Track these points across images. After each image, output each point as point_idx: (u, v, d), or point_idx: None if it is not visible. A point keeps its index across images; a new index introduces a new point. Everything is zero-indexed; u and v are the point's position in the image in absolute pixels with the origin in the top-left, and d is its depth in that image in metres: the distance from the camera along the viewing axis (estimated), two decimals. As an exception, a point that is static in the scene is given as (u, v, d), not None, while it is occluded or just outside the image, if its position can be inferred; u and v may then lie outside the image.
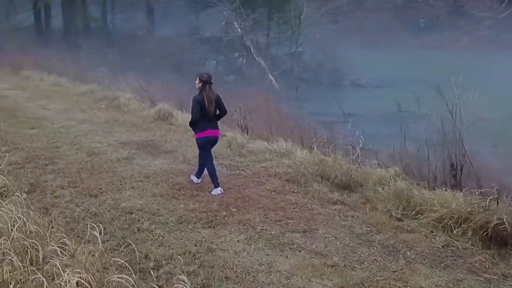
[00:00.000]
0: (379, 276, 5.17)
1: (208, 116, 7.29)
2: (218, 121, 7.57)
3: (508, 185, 6.66)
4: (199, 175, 7.86)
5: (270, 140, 10.03)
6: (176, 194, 7.38)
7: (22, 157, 9.22)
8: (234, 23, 33.53)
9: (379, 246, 5.82)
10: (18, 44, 26.61)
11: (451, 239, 5.89)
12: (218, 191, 7.40)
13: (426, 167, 8.07)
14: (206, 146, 7.52)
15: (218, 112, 7.46)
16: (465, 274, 5.23)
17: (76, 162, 8.97)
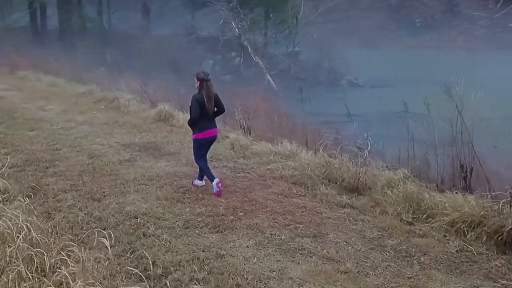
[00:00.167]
0: (394, 283, 5.04)
1: (208, 115, 7.27)
2: (216, 118, 7.55)
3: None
4: (202, 177, 7.73)
5: (274, 141, 9.88)
6: (181, 198, 7.23)
7: (22, 159, 9.06)
8: (232, 22, 33.38)
9: (392, 251, 5.69)
10: (13, 44, 26.42)
11: (465, 244, 5.77)
12: (216, 180, 7.31)
13: (434, 169, 7.97)
14: (203, 146, 7.49)
15: (216, 109, 7.44)
16: (481, 281, 5.11)
17: (77, 164, 8.82)
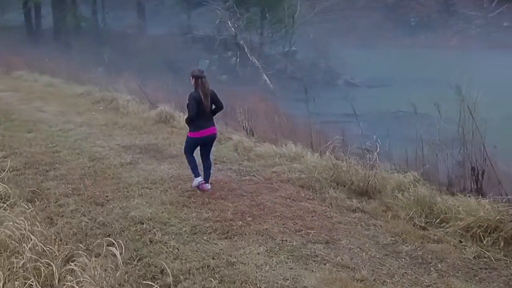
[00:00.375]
0: (412, 291, 4.89)
1: (205, 112, 7.22)
2: (214, 115, 7.50)
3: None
4: (197, 173, 7.58)
5: (278, 143, 9.71)
6: (186, 202, 7.05)
7: (22, 162, 8.85)
8: (228, 22, 33.18)
9: (408, 257, 5.52)
10: (8, 44, 26.13)
11: (482, 250, 5.60)
12: (199, 179, 7.44)
13: (442, 171, 7.82)
14: (196, 145, 7.49)
15: (214, 107, 7.40)
16: (502, 288, 4.97)
17: (78, 167, 8.62)
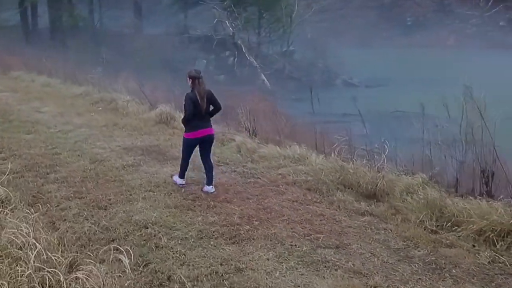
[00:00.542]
0: (428, 298, 4.76)
1: (201, 114, 7.14)
2: (212, 117, 7.43)
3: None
4: (210, 182, 7.51)
5: (282, 144, 9.57)
6: (191, 205, 6.90)
7: (21, 165, 8.68)
8: (226, 21, 33.01)
9: (421, 263, 5.39)
10: (4, 44, 25.85)
11: (496, 255, 5.48)
12: (180, 181, 7.59)
13: (451, 173, 7.70)
14: (192, 146, 7.41)
15: (212, 108, 7.33)
16: (519, 295, 4.85)
17: (79, 170, 8.45)
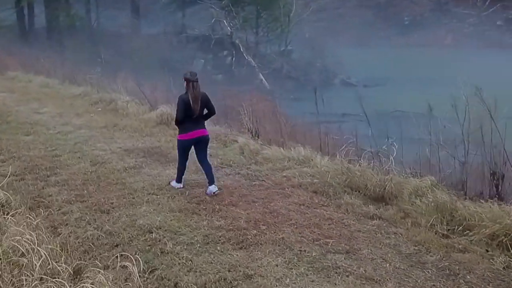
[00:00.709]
0: (443, 305, 4.63)
1: (194, 116, 7.07)
2: (206, 120, 7.40)
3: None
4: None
5: (286, 146, 9.43)
6: (196, 209, 6.75)
7: (21, 167, 8.52)
8: (224, 21, 32.83)
9: (434, 268, 5.25)
10: (0, 43, 25.66)
11: (511, 260, 5.35)
12: (178, 185, 7.53)
13: (459, 175, 7.57)
14: (186, 148, 7.34)
15: (206, 111, 7.31)
16: (537, 302, 4.72)
17: (80, 172, 8.30)
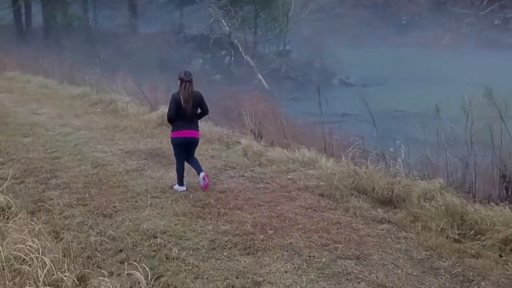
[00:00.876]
0: (459, 314, 4.49)
1: (185, 115, 7.03)
2: (199, 120, 7.39)
3: None
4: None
5: (289, 147, 9.29)
6: (200, 213, 6.61)
7: (20, 170, 8.37)
8: (222, 20, 32.66)
9: (447, 275, 5.12)
10: (-3, 43, 25.53)
11: (526, 266, 5.23)
12: (181, 188, 7.38)
13: (467, 177, 7.44)
14: (179, 146, 7.28)
15: (199, 111, 7.33)
16: (555, 309, 4.59)
17: (81, 175, 8.15)
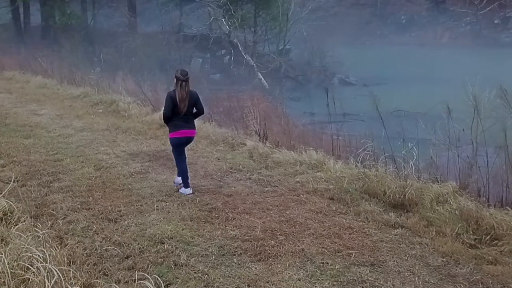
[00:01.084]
0: (480, 324, 4.34)
1: (181, 114, 6.97)
2: (195, 119, 7.42)
3: None
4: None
5: (296, 149, 9.12)
6: (208, 218, 6.44)
7: (22, 172, 8.19)
8: (222, 20, 32.46)
9: (466, 282, 4.95)
10: (-4, 43, 25.36)
11: (546, 273, 5.08)
12: (188, 191, 7.27)
13: (480, 180, 7.29)
14: (180, 146, 7.28)
15: (195, 111, 7.30)
16: None
17: (84, 178, 7.97)
